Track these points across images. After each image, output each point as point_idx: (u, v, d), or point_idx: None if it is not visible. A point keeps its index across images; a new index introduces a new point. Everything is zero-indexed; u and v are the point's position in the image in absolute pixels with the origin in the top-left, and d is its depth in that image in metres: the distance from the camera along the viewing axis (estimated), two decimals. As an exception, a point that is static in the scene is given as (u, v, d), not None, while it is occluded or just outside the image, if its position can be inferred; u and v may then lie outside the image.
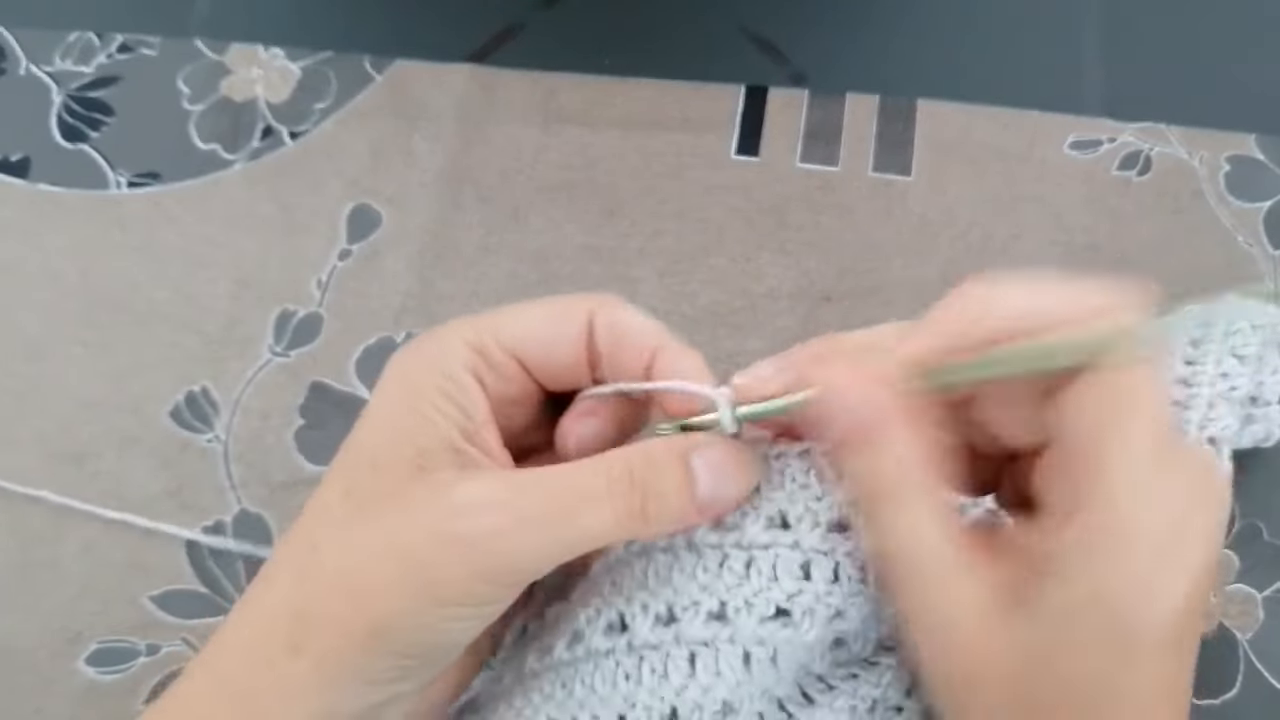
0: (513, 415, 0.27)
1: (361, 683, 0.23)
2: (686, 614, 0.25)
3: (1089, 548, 0.22)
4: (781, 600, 0.25)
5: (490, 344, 0.26)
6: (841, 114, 0.44)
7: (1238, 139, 0.43)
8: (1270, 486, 0.37)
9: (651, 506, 0.24)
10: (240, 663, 0.24)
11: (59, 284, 0.43)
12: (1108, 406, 0.22)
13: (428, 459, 0.24)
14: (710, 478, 0.24)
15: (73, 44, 0.47)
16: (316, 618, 0.23)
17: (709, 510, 0.25)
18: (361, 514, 0.24)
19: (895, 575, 0.24)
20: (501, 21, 0.47)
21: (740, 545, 0.25)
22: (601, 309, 0.27)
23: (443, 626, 0.24)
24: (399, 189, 0.44)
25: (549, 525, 0.23)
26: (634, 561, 0.26)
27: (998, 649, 0.23)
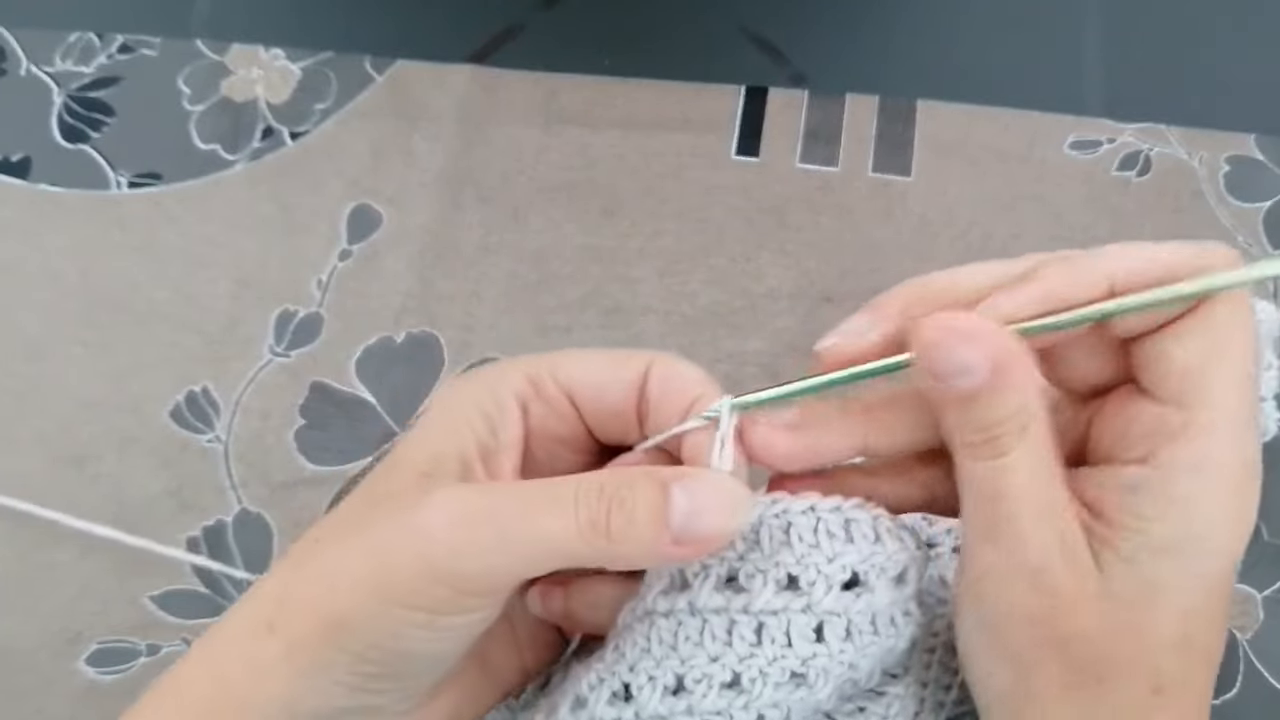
0: (560, 457, 0.27)
1: (324, 678, 0.23)
2: (699, 686, 0.24)
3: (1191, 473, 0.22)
4: (796, 666, 0.24)
5: (545, 377, 0.26)
6: (841, 114, 0.45)
7: (1237, 139, 0.43)
8: (1270, 486, 0.37)
9: (616, 522, 0.23)
10: (225, 638, 0.24)
11: (59, 284, 0.43)
12: (1215, 344, 0.23)
13: (436, 467, 0.25)
14: (689, 507, 0.23)
15: (73, 44, 0.47)
16: (293, 602, 0.24)
17: (684, 543, 0.23)
18: (363, 512, 0.25)
19: (994, 523, 0.23)
20: (502, 22, 0.47)
21: (748, 611, 0.25)
22: (659, 362, 0.26)
23: (400, 630, 0.23)
24: (399, 189, 0.44)
25: (500, 524, 0.23)
26: (635, 627, 0.26)
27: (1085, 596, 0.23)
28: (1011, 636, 0.24)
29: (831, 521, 0.25)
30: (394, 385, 0.41)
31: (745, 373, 0.40)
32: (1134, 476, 0.23)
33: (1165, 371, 0.23)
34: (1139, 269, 0.23)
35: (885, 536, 0.25)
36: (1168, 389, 0.23)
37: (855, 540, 0.25)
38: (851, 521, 0.25)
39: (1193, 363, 0.23)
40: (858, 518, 0.25)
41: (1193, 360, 0.23)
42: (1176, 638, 0.23)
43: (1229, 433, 0.23)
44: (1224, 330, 0.23)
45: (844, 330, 0.24)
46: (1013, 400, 0.23)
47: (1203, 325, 0.23)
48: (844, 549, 0.25)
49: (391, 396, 0.40)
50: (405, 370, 0.41)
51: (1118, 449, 0.24)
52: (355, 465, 0.39)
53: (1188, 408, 0.23)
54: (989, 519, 0.23)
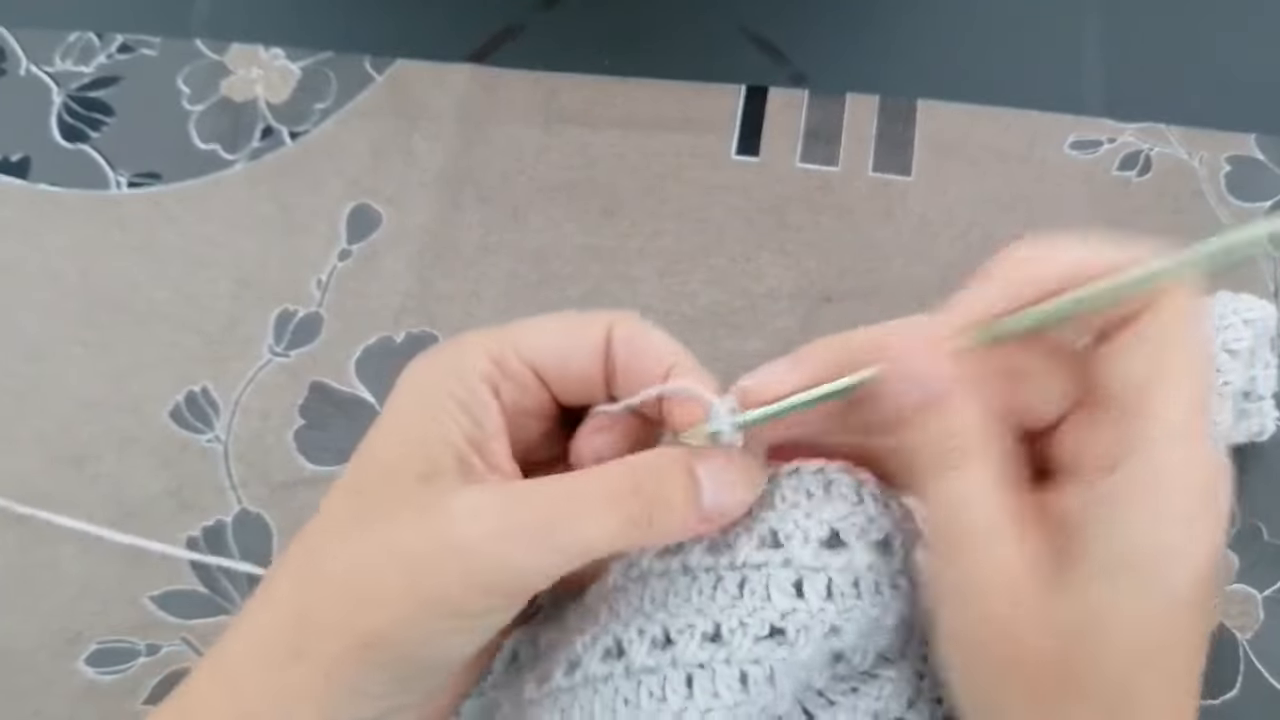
0: (527, 426, 0.27)
1: (358, 693, 0.23)
2: (682, 637, 0.25)
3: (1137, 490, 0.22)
4: (775, 619, 0.25)
5: (509, 354, 0.26)
6: (841, 114, 0.44)
7: (1238, 139, 0.43)
8: (1270, 487, 0.37)
9: (656, 514, 0.24)
10: (243, 666, 0.24)
11: (59, 284, 0.43)
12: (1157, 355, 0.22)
13: (433, 467, 0.24)
14: (714, 486, 0.24)
15: (73, 44, 0.47)
16: (317, 624, 0.23)
17: (713, 519, 0.25)
18: (365, 521, 0.24)
19: (950, 542, 0.24)
20: (502, 22, 0.47)
21: (733, 566, 0.25)
22: (620, 324, 0.26)
23: (440, 639, 0.23)
24: (399, 189, 0.44)
25: (548, 533, 0.23)
26: (630, 587, 0.26)
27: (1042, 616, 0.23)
28: (973, 655, 0.24)
29: (812, 481, 0.26)
30: (394, 385, 0.40)
31: (744, 373, 0.40)
32: (1094, 495, 0.23)
33: (1116, 382, 0.23)
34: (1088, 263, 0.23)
35: (867, 499, 0.26)
36: (1121, 400, 0.23)
37: (834, 499, 0.25)
38: (832, 482, 0.26)
39: (1143, 371, 0.22)
40: (838, 479, 0.26)
41: (1143, 368, 0.22)
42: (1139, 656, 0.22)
43: (1184, 442, 0.22)
44: (1168, 334, 0.22)
45: (765, 371, 0.26)
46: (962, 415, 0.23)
47: (1148, 331, 0.22)
48: (821, 506, 0.25)
49: (391, 396, 0.40)
50: (405, 366, 0.41)
51: (1078, 464, 0.24)
52: (355, 465, 0.39)
53: (1141, 418, 0.22)
54: (947, 537, 0.24)
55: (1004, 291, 0.23)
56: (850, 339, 0.25)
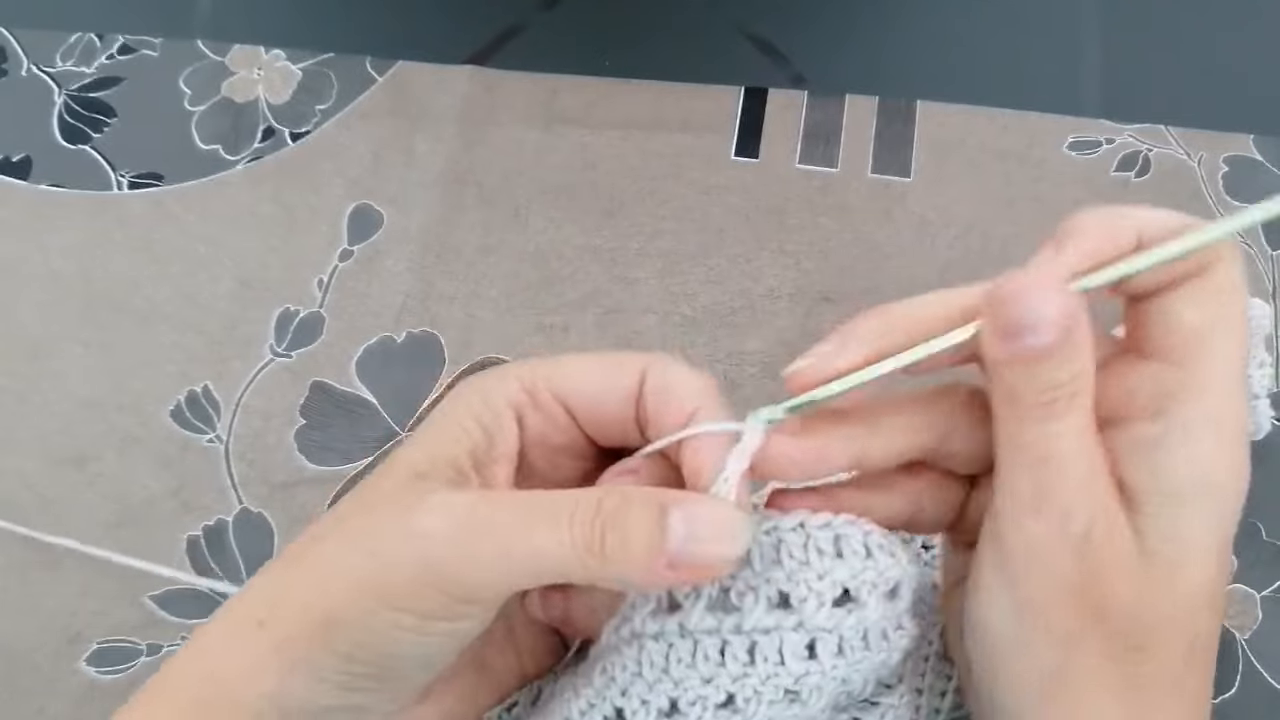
0: (561, 465, 0.27)
1: (312, 675, 0.23)
2: (694, 709, 0.24)
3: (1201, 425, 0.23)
4: (790, 684, 0.24)
5: (541, 387, 0.26)
6: (841, 115, 0.45)
7: (1236, 139, 0.43)
8: (1269, 486, 0.37)
9: (610, 541, 0.22)
10: (216, 635, 0.24)
11: (60, 284, 0.43)
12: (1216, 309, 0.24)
13: (430, 469, 0.25)
14: (686, 533, 0.23)
15: (74, 45, 0.47)
16: (284, 599, 0.24)
17: (679, 568, 0.23)
18: (357, 512, 0.25)
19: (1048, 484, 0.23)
20: (502, 23, 0.47)
21: (740, 630, 0.25)
22: (654, 366, 0.26)
23: (390, 633, 0.23)
24: (400, 189, 0.44)
25: (499, 537, 0.23)
26: (623, 649, 0.25)
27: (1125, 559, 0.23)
28: (1057, 613, 0.24)
29: (821, 538, 0.25)
30: (394, 385, 0.41)
31: (744, 373, 0.40)
32: (1149, 433, 0.24)
33: (1172, 332, 0.24)
34: (1160, 225, 0.24)
35: (876, 551, 0.25)
36: (1175, 349, 0.24)
37: (845, 556, 0.25)
38: (841, 537, 0.25)
39: (1199, 324, 0.23)
40: (848, 533, 0.25)
41: (1199, 321, 0.23)
42: (1206, 594, 0.24)
43: (1233, 389, 0.24)
44: (1224, 294, 0.24)
45: (813, 355, 0.24)
46: (1078, 360, 0.23)
47: (1205, 289, 0.23)
48: (834, 565, 0.25)
49: (392, 396, 0.40)
50: (405, 370, 0.41)
51: (1125, 410, 0.24)
52: (355, 465, 0.39)
53: (1195, 365, 0.23)
54: (1036, 487, 0.23)
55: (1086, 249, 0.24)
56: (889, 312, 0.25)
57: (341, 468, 0.39)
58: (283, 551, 0.25)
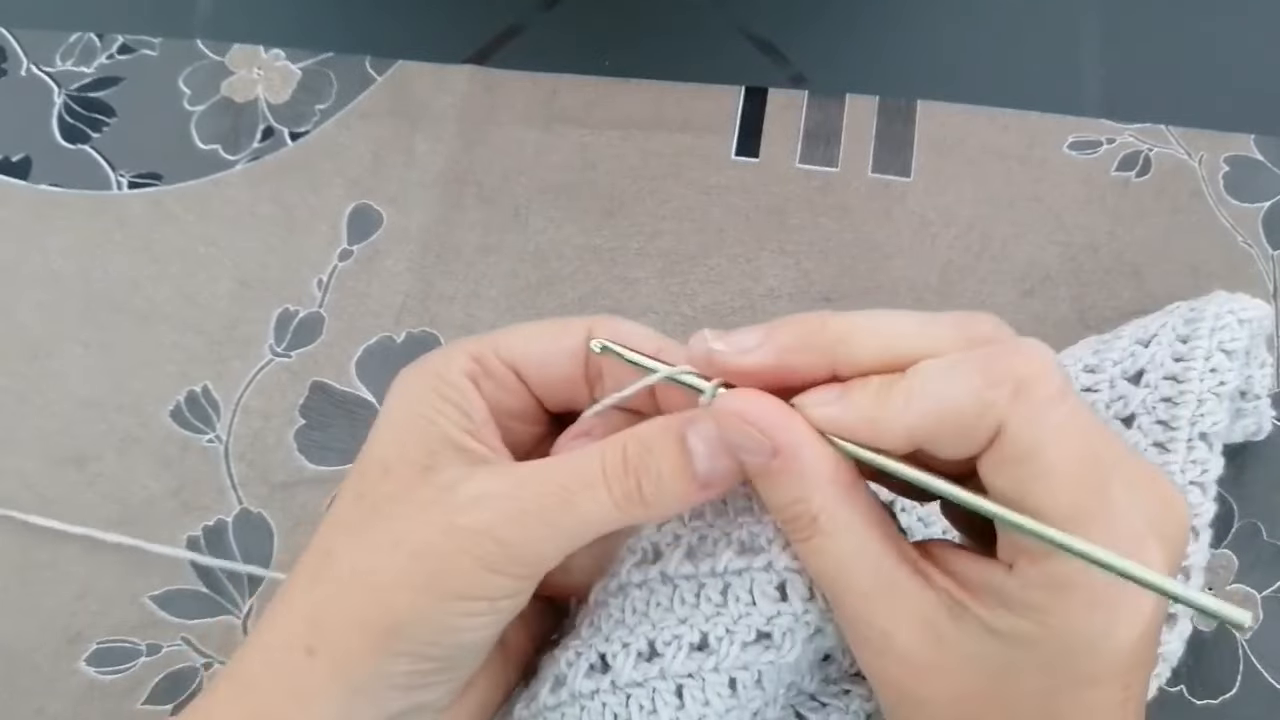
0: (515, 430, 0.28)
1: (379, 686, 0.23)
2: (669, 649, 0.25)
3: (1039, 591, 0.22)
4: (761, 624, 0.25)
5: (489, 354, 0.27)
6: (841, 115, 0.45)
7: (1237, 139, 0.43)
8: (1270, 486, 0.37)
9: (648, 488, 0.24)
10: (259, 669, 0.24)
11: (59, 284, 0.43)
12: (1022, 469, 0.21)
13: (434, 459, 0.25)
14: (708, 452, 0.24)
15: (74, 45, 0.47)
16: (331, 619, 0.23)
17: (710, 487, 0.24)
18: (373, 517, 0.25)
19: (832, 596, 0.24)
20: (502, 23, 0.47)
21: (714, 573, 0.25)
22: (599, 325, 0.27)
23: (456, 623, 0.23)
24: (400, 189, 0.44)
25: (550, 514, 0.24)
26: (610, 601, 0.26)
27: (943, 661, 0.22)
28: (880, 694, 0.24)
29: None
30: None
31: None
32: (995, 581, 0.22)
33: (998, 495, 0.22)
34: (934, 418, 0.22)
35: None
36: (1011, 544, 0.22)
37: None
38: None
39: (1011, 493, 0.21)
40: None
41: (1010, 491, 0.21)
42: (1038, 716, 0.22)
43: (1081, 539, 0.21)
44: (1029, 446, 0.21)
45: (732, 342, 0.24)
46: (794, 487, 0.23)
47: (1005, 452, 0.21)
48: None
49: (392, 396, 0.40)
50: (400, 371, 0.41)
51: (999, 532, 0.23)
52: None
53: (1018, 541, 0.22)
54: (832, 599, 0.24)
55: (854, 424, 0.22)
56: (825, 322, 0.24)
57: (341, 468, 0.39)
58: (298, 570, 0.25)
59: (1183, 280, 0.40)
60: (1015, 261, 0.42)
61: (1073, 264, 0.41)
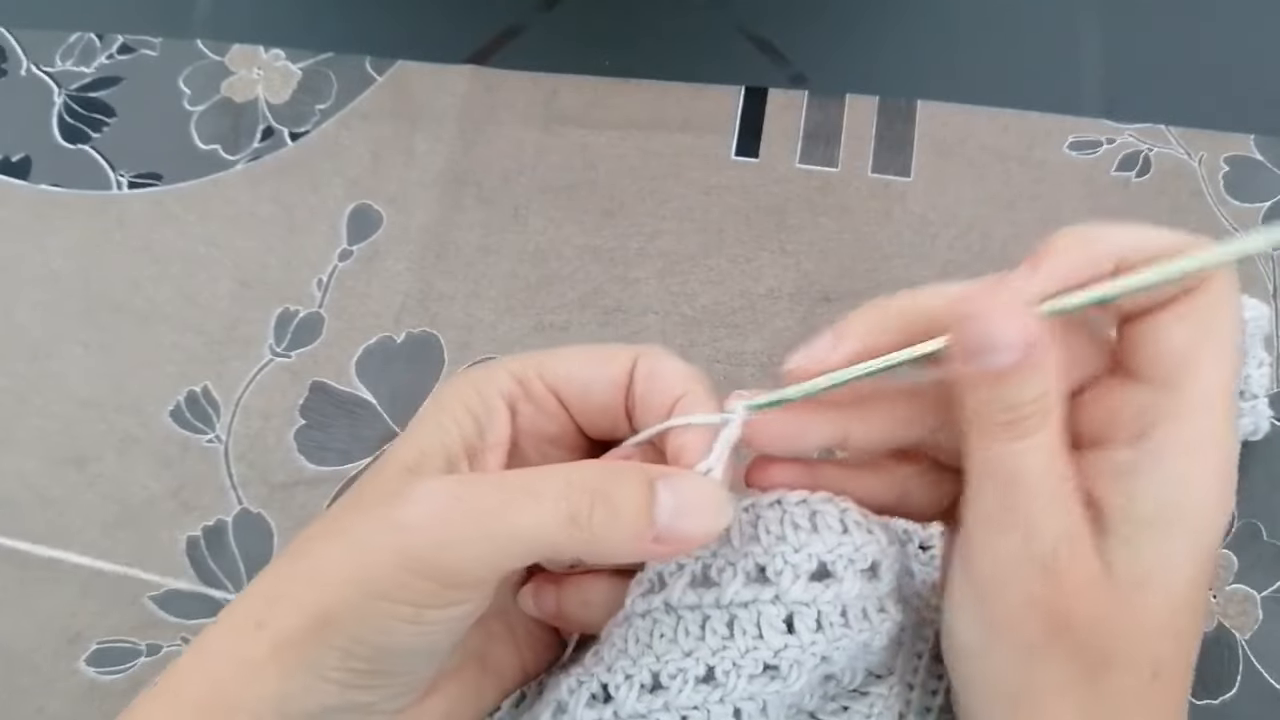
0: (551, 455, 0.28)
1: (313, 675, 0.23)
2: (674, 681, 0.25)
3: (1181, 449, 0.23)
4: (769, 657, 0.25)
5: (533, 377, 0.26)
6: (841, 115, 0.45)
7: (1237, 139, 0.43)
8: (1270, 487, 0.37)
9: (599, 516, 0.23)
10: (217, 636, 0.24)
11: (59, 284, 0.43)
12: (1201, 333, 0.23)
13: (420, 462, 0.25)
14: (675, 506, 0.23)
15: (74, 45, 0.47)
16: (280, 599, 0.24)
17: (665, 541, 0.23)
18: (350, 508, 0.25)
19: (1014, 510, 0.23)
20: (502, 23, 0.47)
21: (720, 605, 0.25)
22: (644, 357, 0.26)
23: (386, 625, 0.23)
24: (400, 189, 0.44)
25: (484, 517, 0.23)
26: (614, 631, 0.26)
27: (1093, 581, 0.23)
28: (1022, 628, 0.24)
29: (797, 514, 0.25)
30: (394, 385, 0.41)
31: (744, 373, 0.40)
32: (1127, 459, 0.23)
33: (1158, 354, 0.23)
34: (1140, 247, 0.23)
35: (852, 528, 0.25)
36: (1160, 371, 0.23)
37: (820, 531, 0.25)
38: (817, 514, 0.25)
39: (1186, 345, 0.23)
40: (823, 510, 0.25)
41: (1186, 342, 0.23)
42: (1172, 621, 0.23)
43: (1220, 413, 0.23)
44: (1214, 314, 0.23)
45: (810, 349, 0.24)
46: (1041, 381, 0.23)
47: (1194, 309, 0.23)
48: (809, 540, 0.25)
49: (391, 396, 0.40)
50: (405, 370, 0.41)
51: (1107, 433, 0.24)
52: (355, 465, 0.39)
53: (1179, 388, 0.23)
54: (1003, 505, 0.23)
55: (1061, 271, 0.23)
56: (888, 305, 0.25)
57: (341, 468, 0.39)
58: (282, 551, 0.25)
59: (1183, 280, 0.40)
60: (1015, 261, 0.41)
61: (1073, 264, 0.41)
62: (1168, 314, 0.23)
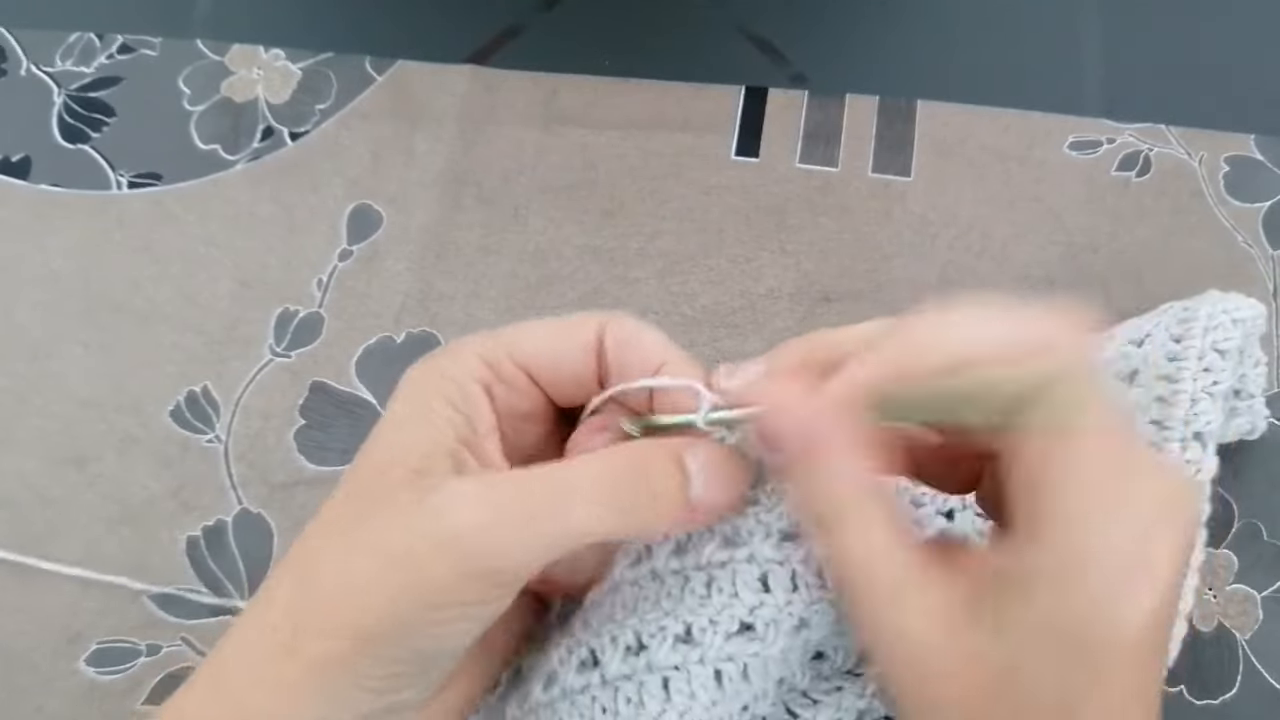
0: (524, 430, 0.27)
1: (356, 689, 0.23)
2: (654, 640, 0.25)
3: (1049, 572, 0.21)
4: (744, 615, 0.25)
5: (502, 357, 0.26)
6: (841, 115, 0.45)
7: (1237, 139, 0.43)
8: (1270, 486, 0.37)
9: (642, 504, 0.24)
10: (238, 667, 0.24)
11: (59, 284, 0.43)
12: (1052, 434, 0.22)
13: (426, 464, 0.24)
14: (704, 478, 0.24)
15: (73, 44, 0.47)
16: (310, 621, 0.23)
17: (701, 513, 0.25)
18: (358, 519, 0.24)
19: (850, 593, 0.24)
20: (502, 22, 0.47)
21: (699, 566, 0.26)
22: (612, 324, 0.27)
23: (433, 630, 0.23)
24: (399, 189, 0.44)
25: (534, 521, 0.23)
26: (604, 599, 0.26)
27: (958, 662, 0.22)
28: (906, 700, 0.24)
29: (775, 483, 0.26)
30: (394, 385, 0.40)
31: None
32: (1011, 565, 0.22)
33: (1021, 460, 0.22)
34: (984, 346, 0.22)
35: None
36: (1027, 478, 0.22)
37: None
38: None
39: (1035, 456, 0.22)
40: None
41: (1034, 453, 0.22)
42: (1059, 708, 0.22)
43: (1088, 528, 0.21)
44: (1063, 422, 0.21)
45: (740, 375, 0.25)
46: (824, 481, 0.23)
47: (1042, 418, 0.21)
48: (780, 500, 0.26)
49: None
50: (405, 370, 0.41)
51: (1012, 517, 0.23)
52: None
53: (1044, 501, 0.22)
54: (850, 593, 0.24)
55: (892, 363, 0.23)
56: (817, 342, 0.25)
57: (341, 468, 0.39)
58: (285, 563, 0.25)
59: (1183, 280, 0.40)
60: (1015, 261, 0.42)
61: (1073, 264, 0.41)
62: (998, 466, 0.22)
